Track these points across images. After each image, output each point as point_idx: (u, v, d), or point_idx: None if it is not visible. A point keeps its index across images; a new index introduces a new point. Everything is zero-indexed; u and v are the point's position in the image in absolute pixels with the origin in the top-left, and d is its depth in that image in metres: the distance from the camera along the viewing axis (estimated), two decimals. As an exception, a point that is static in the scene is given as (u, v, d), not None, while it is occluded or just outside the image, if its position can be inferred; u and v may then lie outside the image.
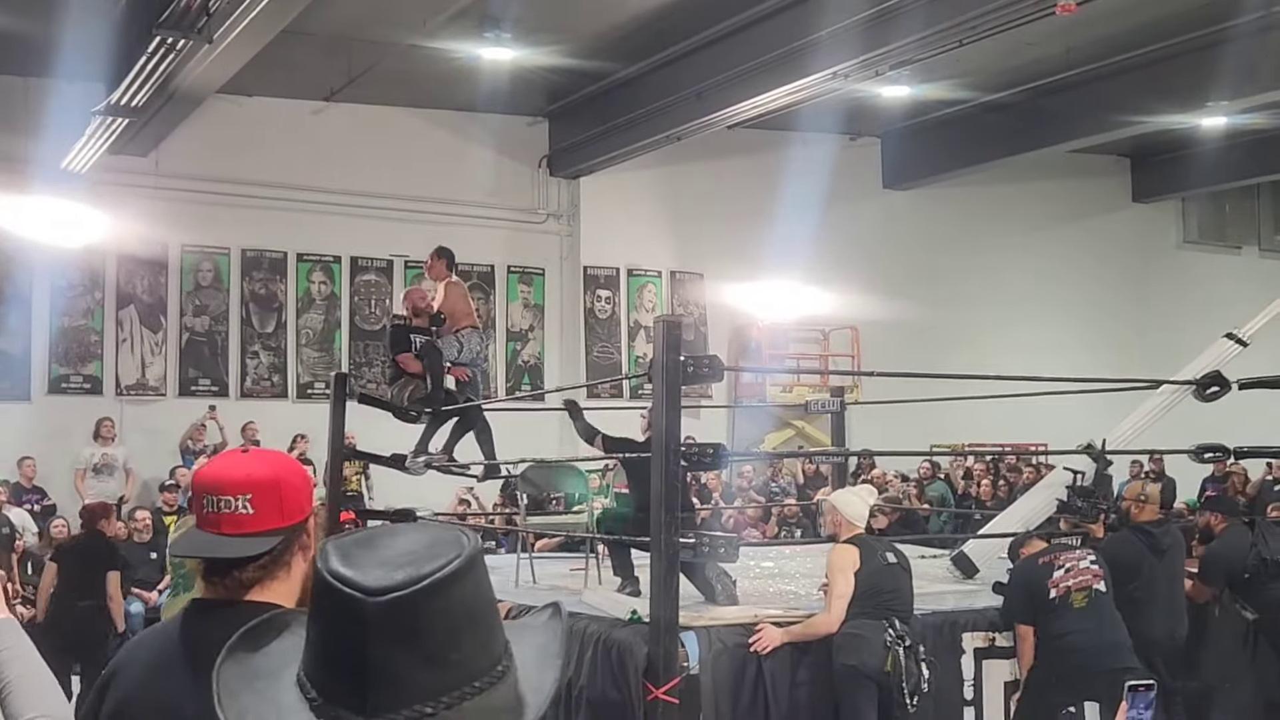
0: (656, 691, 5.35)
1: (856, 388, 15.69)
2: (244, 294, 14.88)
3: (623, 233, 16.45)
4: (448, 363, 8.96)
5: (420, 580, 1.21)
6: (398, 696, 1.20)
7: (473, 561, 1.25)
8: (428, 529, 1.32)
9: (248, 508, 1.98)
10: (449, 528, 1.33)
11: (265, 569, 2.01)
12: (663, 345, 5.58)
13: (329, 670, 1.24)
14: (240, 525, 1.99)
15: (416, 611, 1.20)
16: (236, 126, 14.48)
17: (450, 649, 1.22)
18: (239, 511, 1.98)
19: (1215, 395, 7.44)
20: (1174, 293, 19.43)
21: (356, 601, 1.20)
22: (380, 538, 1.29)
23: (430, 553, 1.24)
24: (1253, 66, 12.99)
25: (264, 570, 2.01)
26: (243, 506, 1.98)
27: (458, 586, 1.23)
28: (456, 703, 1.22)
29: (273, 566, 2.02)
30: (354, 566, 1.22)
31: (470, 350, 9.11)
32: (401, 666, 1.20)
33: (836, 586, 5.73)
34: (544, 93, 15.28)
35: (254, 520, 1.99)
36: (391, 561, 1.23)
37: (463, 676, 1.23)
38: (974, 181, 18.04)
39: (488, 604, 1.29)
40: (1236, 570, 7.08)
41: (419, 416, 8.86)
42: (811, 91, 12.70)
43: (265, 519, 1.99)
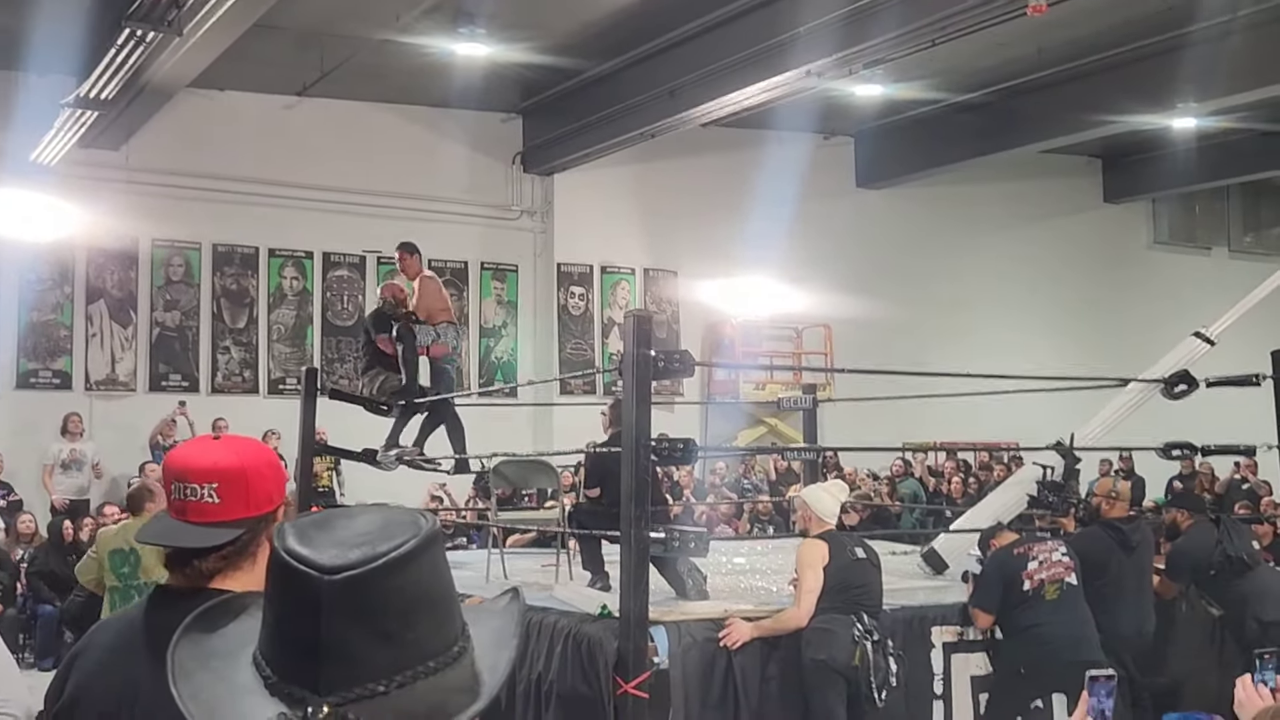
0: (626, 686, 5.35)
1: (829, 386, 15.75)
2: (215, 289, 14.79)
3: (596, 230, 16.44)
4: (423, 346, 8.93)
5: (375, 559, 1.21)
6: (351, 674, 1.20)
7: (429, 542, 1.26)
8: (385, 510, 1.32)
9: (213, 497, 1.96)
10: (407, 510, 1.34)
11: (228, 559, 1.99)
12: (633, 339, 5.58)
13: (284, 648, 1.24)
14: (205, 514, 1.97)
15: (371, 590, 1.21)
16: (208, 121, 14.40)
17: (405, 628, 1.23)
18: (204, 500, 1.97)
19: (1183, 393, 7.50)
20: (1144, 293, 19.57)
21: (311, 580, 1.20)
22: (337, 519, 1.30)
23: (386, 533, 1.25)
24: (1221, 69, 13.10)
25: (226, 560, 1.99)
26: (208, 495, 1.96)
27: (413, 566, 1.23)
28: (410, 681, 1.22)
29: (236, 557, 2.00)
30: (310, 545, 1.23)
31: (445, 341, 9.07)
32: (355, 645, 1.21)
33: (805, 581, 5.75)
34: (518, 89, 15.25)
35: (219, 510, 1.97)
36: (347, 541, 1.24)
37: (417, 655, 1.23)
38: (947, 181, 18.13)
39: (444, 585, 1.29)
40: (1202, 567, 7.14)
41: (389, 409, 8.81)
42: (785, 90, 12.73)
43: (231, 509, 1.98)
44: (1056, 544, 6.42)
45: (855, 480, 13.97)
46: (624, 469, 5.64)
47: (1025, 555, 6.26)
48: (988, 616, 6.29)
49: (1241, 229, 21.46)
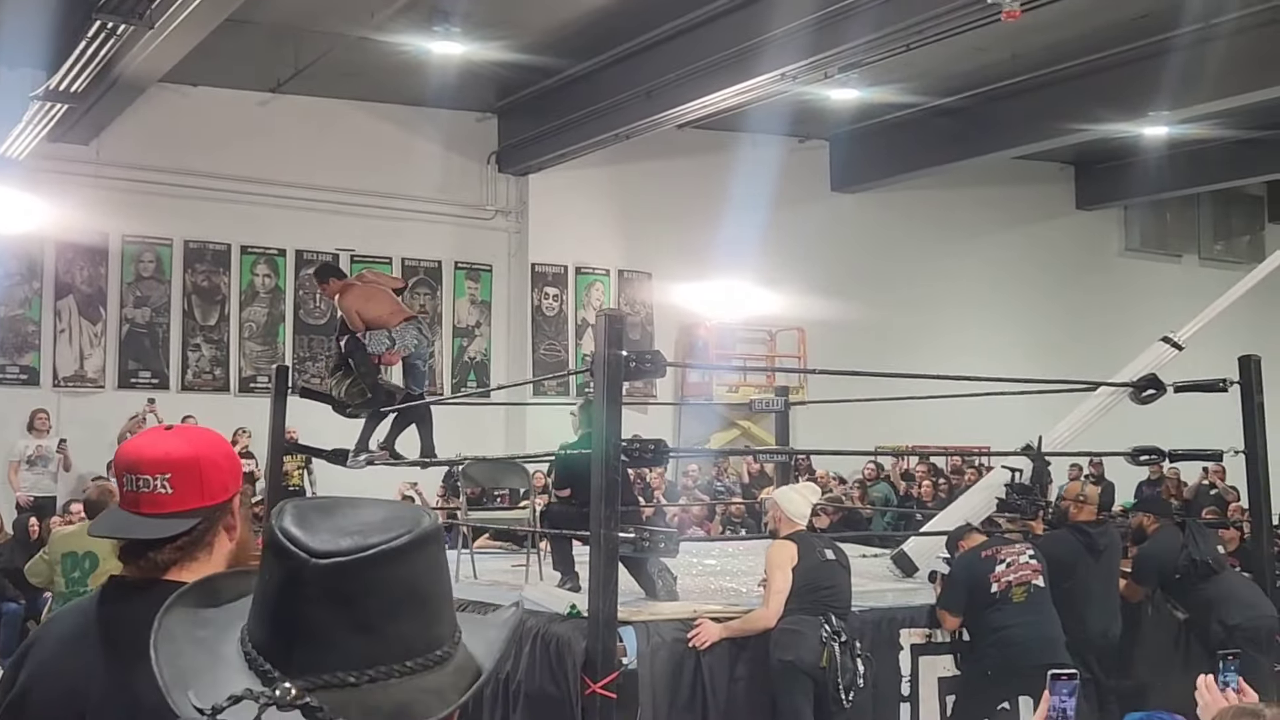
0: (594, 686, 5.34)
1: (802, 388, 15.78)
2: (186, 286, 14.69)
3: (571, 230, 16.42)
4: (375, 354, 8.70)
5: (365, 549, 1.21)
6: (324, 659, 1.20)
7: (425, 539, 1.25)
8: (391, 505, 1.32)
9: (166, 487, 1.95)
10: (413, 506, 1.34)
11: (183, 550, 1.97)
12: (604, 339, 5.57)
13: (265, 626, 1.25)
14: (159, 505, 1.95)
15: (355, 579, 1.21)
16: (181, 116, 14.30)
17: (385, 622, 1.22)
18: (157, 491, 1.95)
19: (1151, 398, 7.56)
20: (1115, 299, 19.70)
21: (299, 561, 1.21)
22: (341, 506, 1.30)
23: (384, 525, 1.25)
24: (1193, 78, 13.20)
25: (182, 551, 1.97)
26: (161, 486, 1.95)
27: (402, 561, 1.23)
28: (383, 677, 1.22)
29: (192, 547, 1.98)
30: (305, 528, 1.23)
31: (405, 342, 8.81)
32: (332, 631, 1.20)
33: (774, 582, 5.75)
34: (493, 88, 15.21)
35: (172, 500, 1.95)
36: (343, 529, 1.24)
37: (396, 652, 1.23)
38: (921, 185, 18.20)
39: (435, 585, 1.28)
40: (1168, 571, 7.19)
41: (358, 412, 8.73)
42: (760, 92, 12.75)
43: (184, 499, 1.96)
44: (1024, 546, 6.45)
45: (827, 483, 14.00)
46: (594, 469, 5.63)
47: (993, 557, 6.28)
48: (955, 618, 6.31)
49: (1212, 237, 21.62)
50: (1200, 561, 7.10)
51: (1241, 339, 9.98)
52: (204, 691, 1.22)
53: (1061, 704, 2.83)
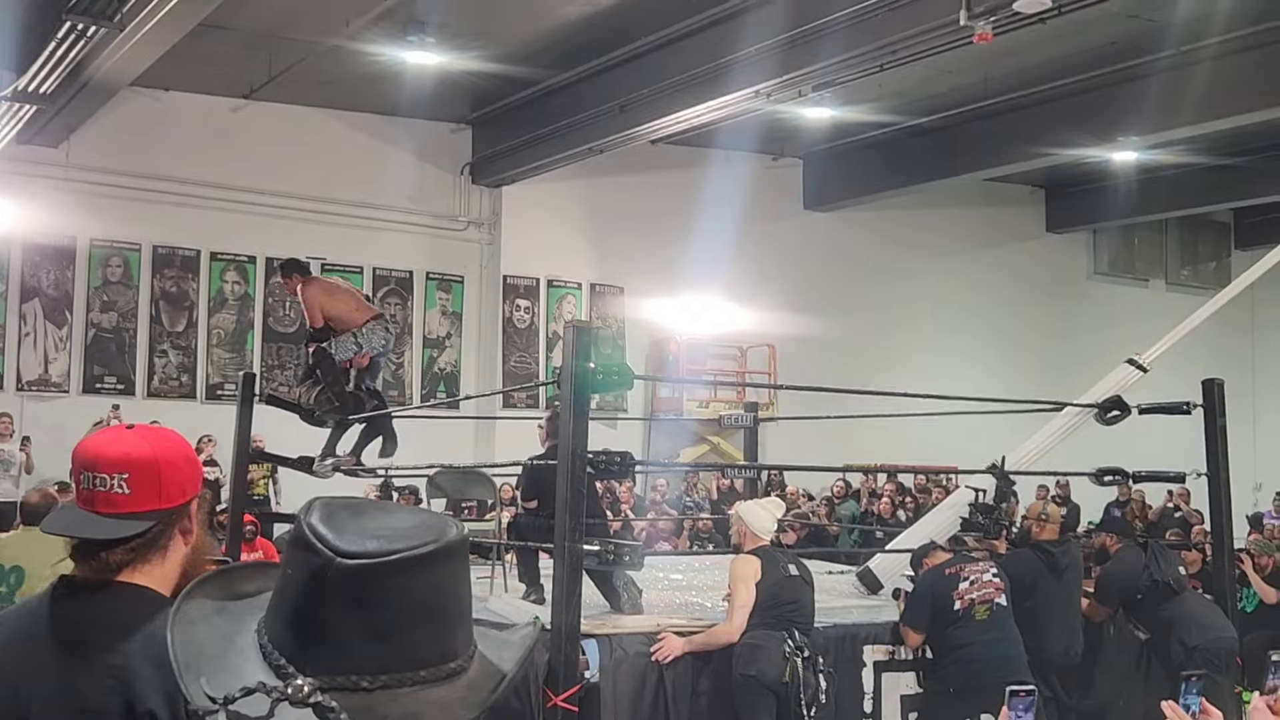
0: (556, 699, 5.31)
1: (771, 405, 15.82)
2: (154, 291, 14.58)
3: (544, 243, 16.41)
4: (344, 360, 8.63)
5: (389, 554, 1.21)
6: (339, 661, 1.20)
7: (450, 550, 1.25)
8: (422, 513, 1.33)
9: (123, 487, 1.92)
10: (442, 515, 1.34)
11: (136, 551, 1.94)
12: (572, 350, 5.56)
13: (283, 619, 1.24)
14: (114, 505, 1.92)
15: (375, 583, 1.20)
16: (152, 120, 14.22)
17: (400, 629, 1.22)
18: (114, 490, 1.92)
19: (1116, 419, 7.61)
20: (1084, 322, 19.85)
21: (324, 559, 1.20)
22: (371, 509, 1.30)
23: (411, 533, 1.24)
24: (1161, 104, 13.35)
25: (135, 553, 1.94)
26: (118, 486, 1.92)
27: (424, 570, 1.22)
28: (395, 685, 1.21)
29: (146, 550, 1.95)
30: (333, 527, 1.23)
31: (372, 344, 8.71)
32: (348, 634, 1.20)
33: (738, 596, 5.74)
34: (468, 99, 15.21)
35: (129, 500, 1.92)
36: (370, 532, 1.23)
37: (409, 661, 1.22)
38: (893, 205, 18.30)
39: (456, 596, 1.28)
40: (1130, 591, 7.23)
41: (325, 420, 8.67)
42: (734, 109, 12.79)
43: (141, 500, 1.93)
44: (988, 565, 6.47)
45: (796, 500, 14.02)
46: (560, 481, 5.61)
47: (957, 575, 6.30)
48: (918, 635, 6.32)
49: (1179, 262, 21.83)
50: (1162, 582, 7.14)
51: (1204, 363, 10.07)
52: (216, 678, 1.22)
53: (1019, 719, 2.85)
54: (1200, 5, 11.79)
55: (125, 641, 1.82)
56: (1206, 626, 7.01)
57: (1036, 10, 9.15)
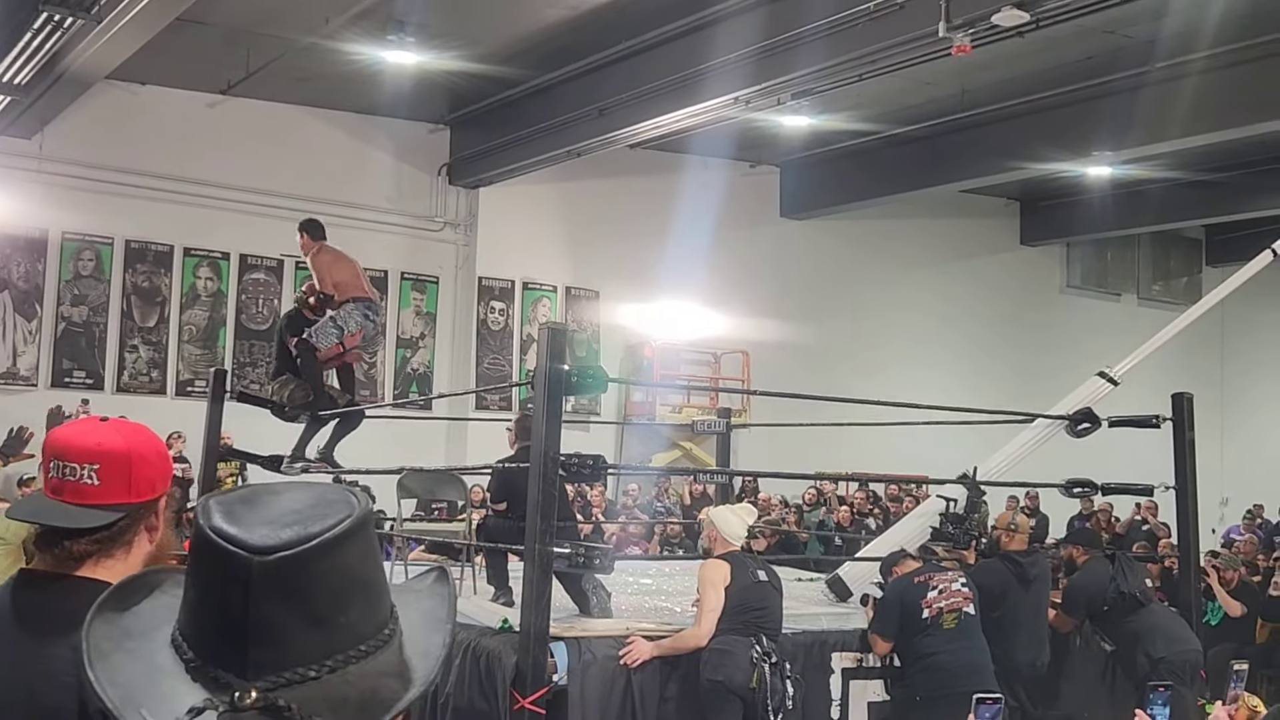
0: (524, 701, 5.30)
1: (745, 412, 15.83)
2: (126, 286, 14.47)
3: (520, 246, 16.39)
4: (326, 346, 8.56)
5: (308, 540, 1.17)
6: (280, 658, 1.16)
7: (362, 522, 1.21)
8: (315, 487, 1.27)
9: (94, 478, 1.91)
10: (336, 487, 1.29)
11: (100, 544, 1.93)
12: (546, 352, 5.56)
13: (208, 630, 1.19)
14: (83, 495, 1.91)
15: (303, 572, 1.16)
16: (128, 114, 14.12)
17: (337, 611, 1.19)
18: (83, 481, 1.91)
19: (1086, 431, 7.66)
20: (1056, 335, 19.97)
21: (240, 560, 1.15)
22: (264, 495, 1.25)
23: (318, 512, 1.20)
24: (1137, 119, 13.46)
25: (99, 545, 1.93)
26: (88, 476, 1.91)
27: (346, 547, 1.19)
28: (341, 666, 1.18)
29: (110, 543, 1.94)
30: (238, 524, 1.18)
31: (348, 327, 8.61)
32: (285, 628, 1.16)
33: (707, 600, 5.75)
34: (446, 100, 15.17)
35: (98, 492, 1.92)
36: (278, 520, 1.19)
37: (349, 639, 1.19)
38: (869, 215, 18.37)
39: (375, 566, 1.25)
40: (1096, 602, 7.27)
41: (298, 417, 8.62)
42: (713, 115, 12.82)
43: (110, 492, 1.92)
44: (957, 574, 6.50)
45: (770, 506, 14.04)
46: (531, 483, 5.61)
47: (925, 584, 6.32)
48: (886, 643, 6.34)
49: (1151, 277, 22.01)
50: (1128, 594, 7.19)
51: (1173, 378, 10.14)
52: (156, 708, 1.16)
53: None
54: (1176, 22, 11.89)
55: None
56: (1172, 639, 7.07)
57: (1015, 24, 9.21)
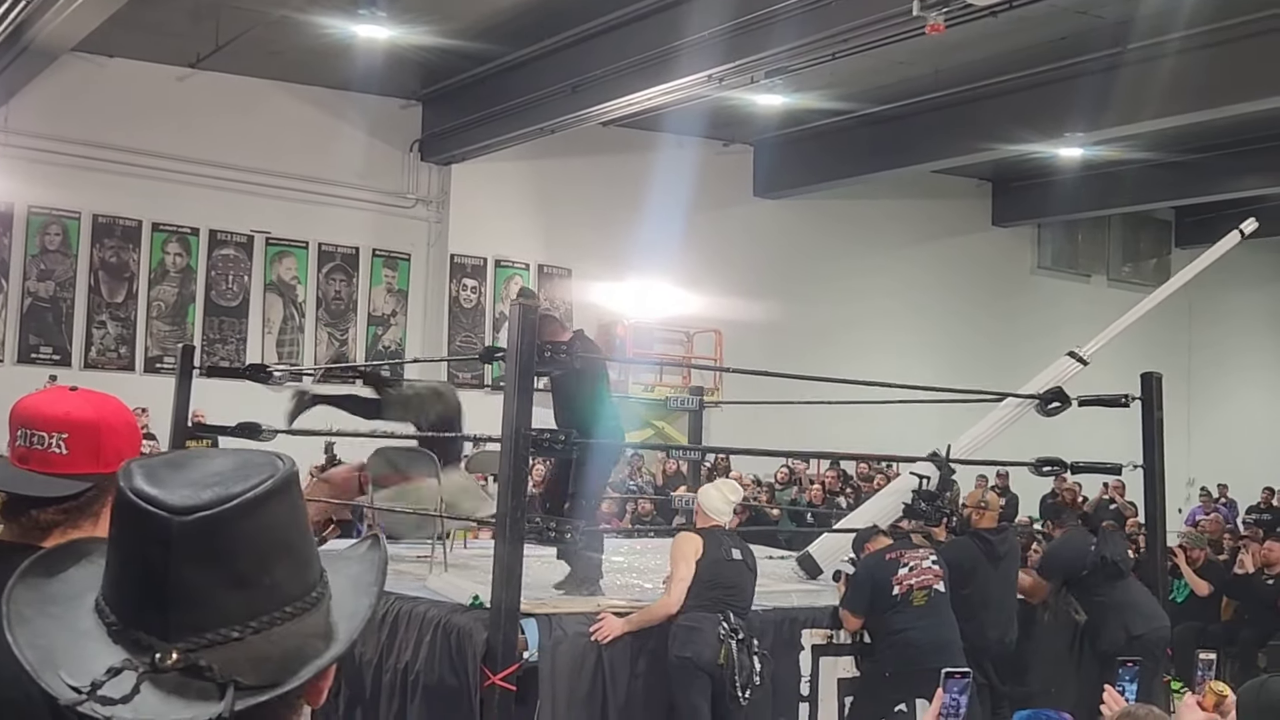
0: (494, 678, 5.29)
1: (717, 390, 15.85)
2: (93, 261, 14.34)
3: (492, 223, 16.32)
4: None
5: (229, 499, 1.15)
6: (203, 619, 1.14)
7: (286, 483, 1.20)
8: (242, 452, 1.25)
9: (62, 447, 1.89)
10: (264, 452, 1.27)
11: (68, 514, 1.91)
12: (518, 327, 5.53)
13: (129, 593, 1.17)
14: (51, 464, 1.89)
15: (225, 531, 1.15)
16: (95, 87, 13.95)
17: (261, 571, 1.17)
18: (51, 450, 1.89)
19: (1056, 410, 7.68)
20: (1026, 316, 20.07)
21: (160, 520, 1.13)
22: (190, 459, 1.23)
23: (240, 474, 1.18)
24: (1108, 101, 13.51)
25: (66, 515, 1.91)
26: (56, 445, 1.89)
27: (269, 507, 1.18)
28: (266, 627, 1.16)
29: (78, 514, 1.92)
30: (159, 485, 1.16)
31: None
32: (208, 589, 1.14)
33: (678, 570, 5.74)
34: (418, 75, 15.06)
35: (66, 461, 1.90)
36: (199, 482, 1.17)
37: (274, 600, 1.18)
38: (843, 195, 18.39)
39: (301, 529, 1.23)
40: (1075, 567, 7.28)
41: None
42: (686, 93, 12.78)
43: (78, 461, 1.90)
44: (928, 551, 6.52)
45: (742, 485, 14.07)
46: (502, 460, 5.60)
47: (896, 560, 6.34)
48: (856, 619, 6.37)
49: (1121, 258, 22.14)
50: (1110, 560, 7.21)
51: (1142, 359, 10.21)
52: (75, 670, 1.15)
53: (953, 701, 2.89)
54: (1148, 4, 11.94)
55: None
56: (1149, 616, 7.12)
57: (988, 3, 9.22)
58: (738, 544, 6.07)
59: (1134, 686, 3.95)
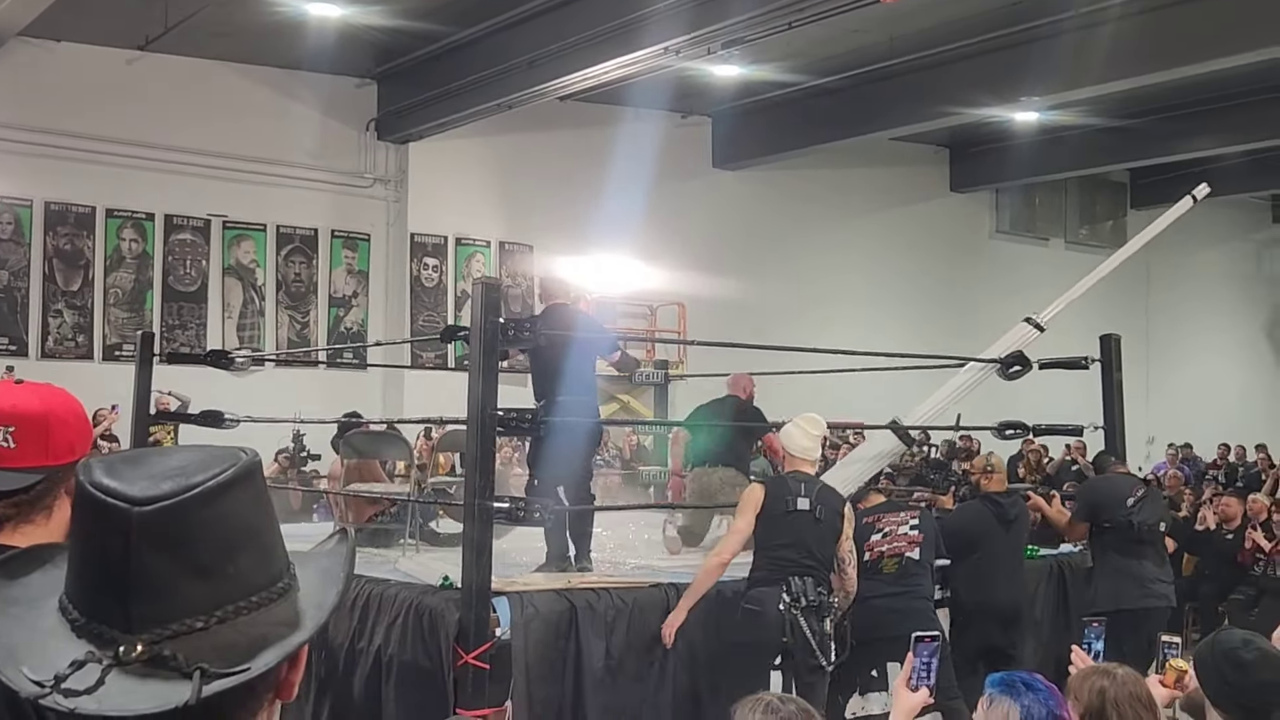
0: (467, 657, 5.30)
1: (682, 364, 15.89)
2: (47, 249, 14.14)
3: (451, 201, 16.23)
4: None
5: (189, 489, 1.15)
6: (166, 610, 1.14)
7: (249, 472, 1.20)
8: (205, 448, 1.25)
9: (8, 441, 1.87)
10: (228, 446, 1.26)
11: (19, 507, 1.89)
12: (481, 307, 5.52)
13: (91, 587, 1.17)
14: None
15: (186, 521, 1.15)
16: (44, 72, 13.73)
17: (224, 561, 1.17)
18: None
19: (1018, 374, 7.74)
20: (986, 281, 20.23)
21: (120, 512, 1.13)
22: (150, 455, 1.23)
23: (202, 466, 1.18)
24: (1062, 65, 13.59)
25: (17, 509, 1.89)
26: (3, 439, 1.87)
27: (231, 496, 1.18)
28: (231, 617, 1.16)
29: (29, 508, 1.90)
30: (118, 478, 1.16)
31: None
32: (170, 579, 1.14)
33: (735, 523, 5.67)
34: (372, 54, 14.93)
35: (14, 455, 1.87)
36: (159, 474, 1.17)
37: (238, 590, 1.18)
38: (801, 165, 18.42)
39: (266, 519, 1.23)
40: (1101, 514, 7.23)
41: None
42: (643, 66, 12.75)
43: (27, 455, 1.88)
44: (908, 515, 6.49)
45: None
46: (469, 439, 5.60)
47: (872, 525, 6.35)
48: None
49: (1078, 221, 22.34)
50: (1139, 525, 7.17)
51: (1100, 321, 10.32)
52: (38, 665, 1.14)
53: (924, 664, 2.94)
54: (1100, -32, 12.00)
55: None
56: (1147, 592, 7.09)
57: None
58: (810, 491, 5.67)
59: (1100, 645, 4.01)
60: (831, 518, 5.67)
